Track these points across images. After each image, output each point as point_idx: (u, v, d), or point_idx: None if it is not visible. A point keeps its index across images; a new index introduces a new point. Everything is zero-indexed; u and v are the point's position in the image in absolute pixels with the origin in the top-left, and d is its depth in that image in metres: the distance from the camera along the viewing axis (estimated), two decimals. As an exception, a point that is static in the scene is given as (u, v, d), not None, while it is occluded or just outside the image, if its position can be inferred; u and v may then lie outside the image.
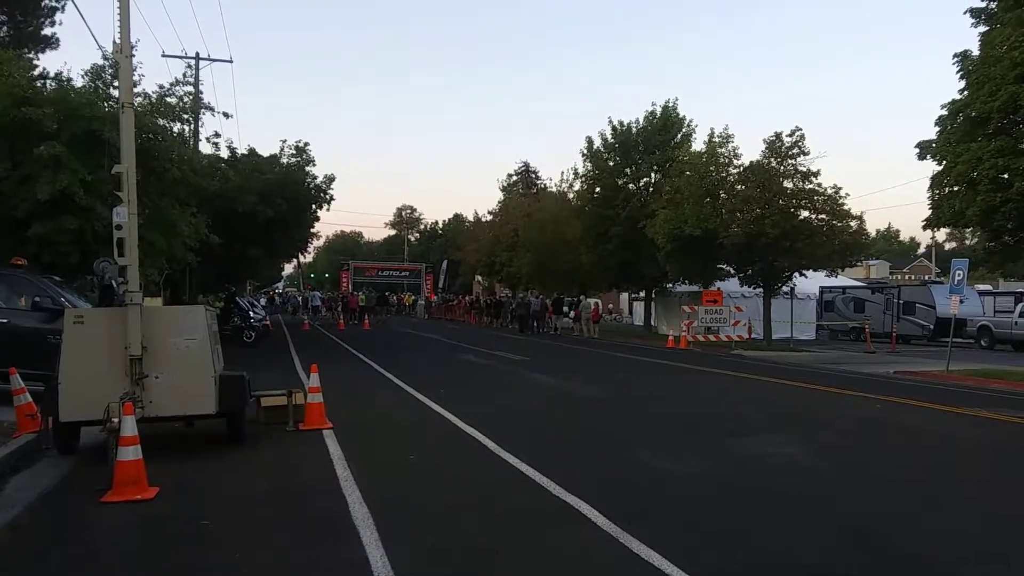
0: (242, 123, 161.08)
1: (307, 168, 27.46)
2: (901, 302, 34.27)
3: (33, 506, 6.51)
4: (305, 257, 58.97)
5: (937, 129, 19.77)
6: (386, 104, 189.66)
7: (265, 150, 28.31)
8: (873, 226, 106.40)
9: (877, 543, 5.63)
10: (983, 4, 18.93)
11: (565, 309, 41.65)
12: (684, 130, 35.59)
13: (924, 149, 20.09)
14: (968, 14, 19.27)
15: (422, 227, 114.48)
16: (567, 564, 5.12)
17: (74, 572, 5.05)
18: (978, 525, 6.22)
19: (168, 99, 17.67)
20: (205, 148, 26.35)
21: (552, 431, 10.55)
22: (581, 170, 38.81)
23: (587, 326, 36.42)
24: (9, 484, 7.18)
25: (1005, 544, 5.76)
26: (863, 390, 15.31)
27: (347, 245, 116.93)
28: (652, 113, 35.78)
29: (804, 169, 27.93)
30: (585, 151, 37.41)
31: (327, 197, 28.31)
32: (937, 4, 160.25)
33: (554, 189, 50.46)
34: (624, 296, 55.97)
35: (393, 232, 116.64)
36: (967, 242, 76.70)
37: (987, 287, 45.78)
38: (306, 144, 27.51)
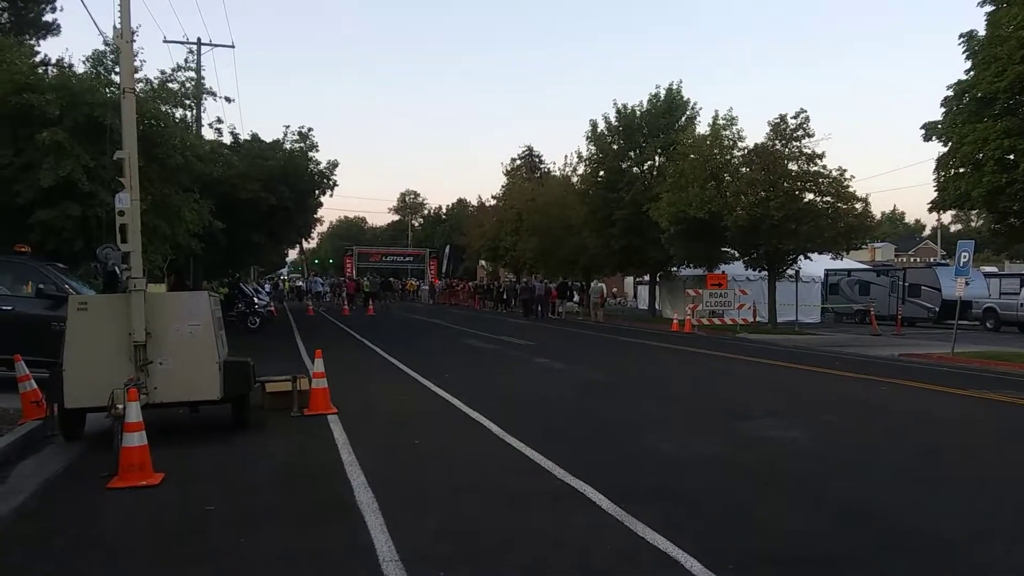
0: (244, 108, 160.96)
1: (310, 154, 27.35)
2: (906, 284, 34.17)
3: (39, 492, 6.53)
4: (309, 243, 58.97)
5: (943, 110, 19.63)
6: (389, 89, 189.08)
7: (268, 136, 28.23)
8: (878, 208, 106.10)
9: (884, 525, 5.62)
10: (990, -17, 18.76)
11: (568, 293, 41.61)
12: (688, 113, 35.42)
13: (930, 130, 19.97)
14: (975, -7, 19.09)
15: (426, 212, 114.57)
16: (572, 547, 5.12)
17: (80, 558, 5.06)
18: (984, 506, 6.22)
19: (170, 85, 17.63)
20: (208, 134, 26.28)
21: (557, 415, 10.55)
22: (585, 154, 38.70)
23: (595, 310, 36.39)
24: (15, 471, 7.20)
25: (1010, 524, 5.76)
26: (868, 373, 15.30)
27: (351, 230, 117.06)
28: (656, 96, 35.58)
29: (809, 151, 27.84)
30: (589, 134, 37.26)
31: (330, 183, 28.24)
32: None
33: (558, 173, 50.37)
34: (629, 280, 55.93)
35: (397, 217, 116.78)
36: (973, 224, 76.33)
37: (993, 269, 45.71)
38: (309, 129, 27.43)
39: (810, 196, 27.92)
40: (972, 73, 18.60)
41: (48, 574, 4.80)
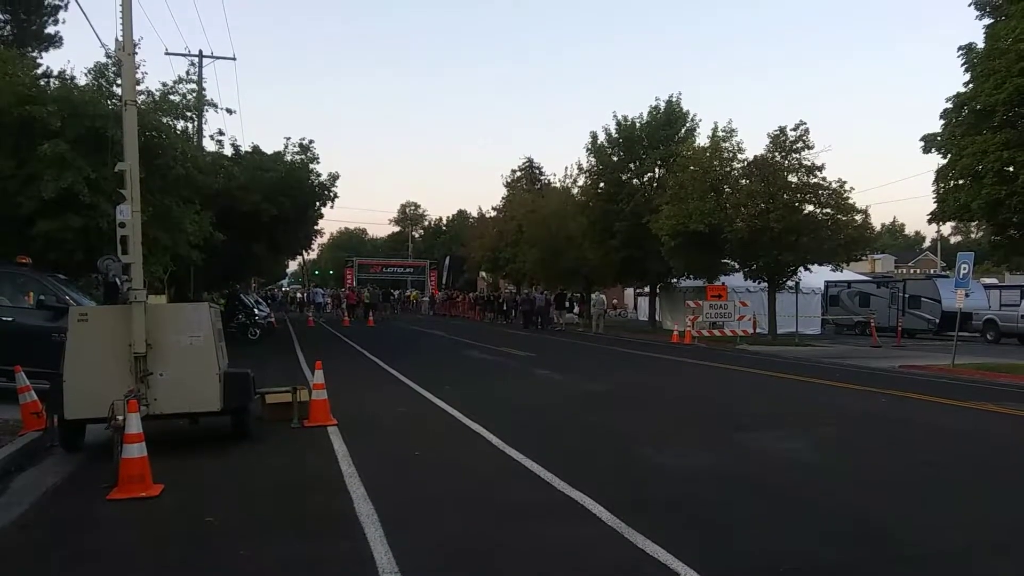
0: (246, 121, 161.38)
1: (311, 165, 27.44)
2: (906, 296, 34.17)
3: (39, 504, 6.53)
4: (309, 254, 59.08)
5: (942, 122, 19.70)
6: (390, 101, 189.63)
7: (269, 147, 28.29)
8: (878, 220, 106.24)
9: (884, 537, 5.62)
10: (988, -4, 18.86)
11: (567, 305, 41.56)
12: (688, 125, 35.50)
13: (929, 142, 20.03)
14: (973, 6, 19.20)
15: (426, 223, 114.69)
16: (572, 558, 5.11)
17: (79, 569, 5.06)
18: (983, 519, 6.20)
19: (171, 97, 17.67)
20: (209, 146, 26.39)
21: (557, 427, 10.54)
22: (585, 165, 38.80)
23: (597, 321, 36.39)
24: (15, 482, 7.20)
25: (1010, 537, 5.75)
26: (868, 384, 15.28)
27: (351, 242, 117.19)
28: (656, 108, 35.69)
29: (808, 163, 27.90)
30: (589, 146, 37.36)
31: (331, 194, 28.31)
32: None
33: (558, 185, 50.41)
34: (629, 291, 55.94)
35: (397, 228, 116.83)
36: (972, 236, 76.37)
37: (993, 280, 45.69)
38: (310, 141, 27.52)
39: (810, 208, 27.98)
40: (971, 85, 18.67)
41: (47, 586, 4.80)
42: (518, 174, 73.27)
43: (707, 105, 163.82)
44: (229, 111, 29.12)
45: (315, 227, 33.31)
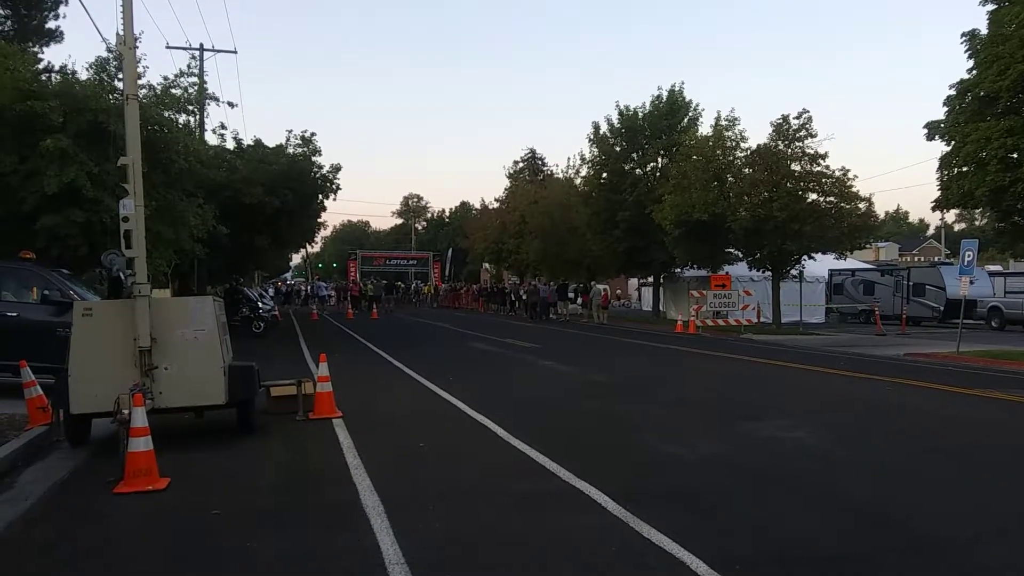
0: (247, 114, 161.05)
1: (313, 158, 27.42)
2: (911, 284, 34.12)
3: (46, 498, 6.55)
4: (313, 247, 59.08)
5: (946, 109, 19.62)
6: (391, 92, 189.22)
7: (271, 141, 28.36)
8: (882, 208, 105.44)
9: (889, 525, 5.62)
10: (991, -18, 18.74)
11: (571, 296, 41.56)
12: (690, 114, 35.38)
13: (933, 130, 19.96)
14: (976, -8, 19.08)
15: (429, 215, 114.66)
16: (578, 548, 5.12)
17: (87, 563, 5.07)
18: (990, 505, 6.20)
19: (173, 90, 17.64)
20: (211, 139, 26.32)
21: (562, 417, 10.55)
22: (588, 156, 38.69)
23: (597, 312, 36.38)
24: (22, 477, 7.23)
25: (1017, 524, 5.74)
26: (873, 373, 15.27)
27: (355, 234, 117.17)
28: (658, 97, 35.58)
29: (812, 151, 27.83)
30: (591, 136, 37.28)
31: (334, 187, 28.29)
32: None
33: (561, 175, 50.34)
34: (633, 281, 55.88)
35: (400, 221, 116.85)
36: (977, 223, 76.15)
37: (997, 268, 45.59)
38: (312, 134, 27.51)
39: (813, 196, 27.89)
40: (974, 72, 18.59)
41: (55, 579, 4.82)
42: (520, 165, 73.30)
43: (710, 94, 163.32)
44: (231, 104, 29.22)
45: (318, 219, 33.29)
